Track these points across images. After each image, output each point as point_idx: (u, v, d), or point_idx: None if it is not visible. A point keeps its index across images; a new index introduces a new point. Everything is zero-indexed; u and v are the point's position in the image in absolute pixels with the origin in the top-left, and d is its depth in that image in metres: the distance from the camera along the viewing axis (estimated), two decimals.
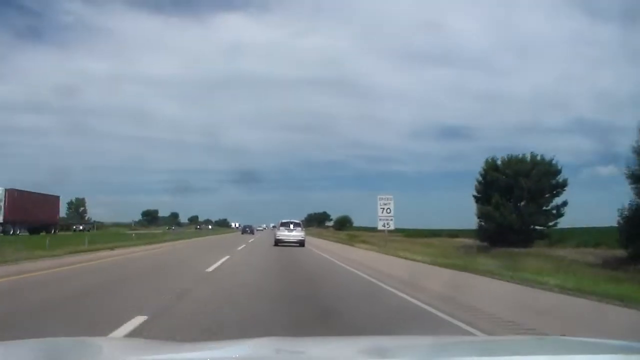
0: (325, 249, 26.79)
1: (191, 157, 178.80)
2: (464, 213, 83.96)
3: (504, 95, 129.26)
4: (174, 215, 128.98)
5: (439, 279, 11.73)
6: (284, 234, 28.93)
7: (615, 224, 30.75)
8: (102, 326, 5.79)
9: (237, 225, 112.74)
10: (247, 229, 65.75)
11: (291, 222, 29.72)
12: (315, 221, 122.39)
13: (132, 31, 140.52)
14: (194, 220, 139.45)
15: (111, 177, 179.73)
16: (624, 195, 30.27)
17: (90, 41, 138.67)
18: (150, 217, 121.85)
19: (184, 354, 1.85)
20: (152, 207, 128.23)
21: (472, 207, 40.62)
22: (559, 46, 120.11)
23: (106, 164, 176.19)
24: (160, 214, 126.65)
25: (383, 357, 1.75)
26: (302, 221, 33.85)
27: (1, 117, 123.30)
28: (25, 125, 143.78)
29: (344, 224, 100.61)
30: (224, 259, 17.06)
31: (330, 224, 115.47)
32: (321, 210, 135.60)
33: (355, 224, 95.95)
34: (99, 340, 2.50)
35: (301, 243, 28.03)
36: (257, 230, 55.78)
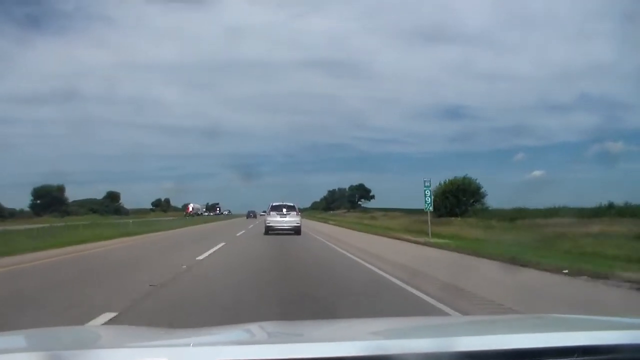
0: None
1: (192, 143, 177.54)
2: None
3: (509, 74, 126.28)
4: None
5: None
6: (275, 219, 25.00)
7: None
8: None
9: (226, 212, 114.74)
10: (251, 214, 72.79)
11: (284, 205, 25.41)
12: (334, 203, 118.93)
13: (132, 17, 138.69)
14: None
15: (114, 166, 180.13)
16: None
17: (88, 28, 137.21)
18: (162, 206, 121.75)
19: (175, 340, 1.80)
20: (157, 196, 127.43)
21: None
22: (564, 22, 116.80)
23: (109, 152, 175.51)
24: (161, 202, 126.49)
25: (385, 338, 1.73)
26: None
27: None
28: (23, 116, 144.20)
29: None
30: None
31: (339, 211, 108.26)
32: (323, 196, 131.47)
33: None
34: (82, 329, 2.76)
35: (296, 230, 24.70)
36: (260, 215, 61.13)
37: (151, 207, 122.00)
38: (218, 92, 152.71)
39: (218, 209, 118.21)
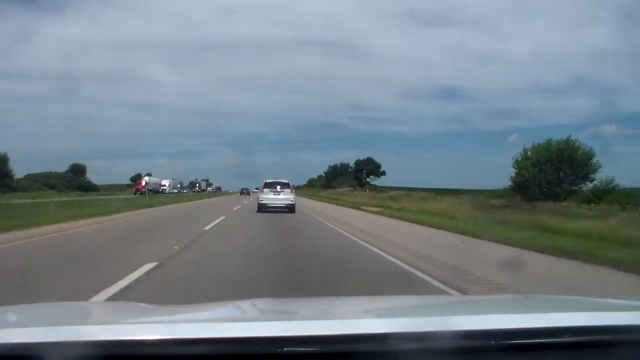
0: None
1: (186, 122, 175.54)
2: (465, 172, 75.51)
3: (503, 56, 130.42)
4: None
5: None
6: (268, 197, 23.99)
7: None
8: None
9: (211, 189, 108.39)
10: (244, 191, 76.17)
11: (278, 182, 24.40)
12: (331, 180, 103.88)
13: None
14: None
15: (108, 144, 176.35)
16: None
17: (82, 6, 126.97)
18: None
19: (167, 317, 1.78)
20: (146, 171, 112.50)
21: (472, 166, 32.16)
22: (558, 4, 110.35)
23: (103, 130, 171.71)
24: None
25: (379, 317, 1.69)
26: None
27: None
28: (18, 92, 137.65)
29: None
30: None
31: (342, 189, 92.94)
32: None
33: None
34: (75, 305, 2.46)
35: (290, 208, 23.47)
36: (253, 192, 58.46)
37: (130, 182, 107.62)
38: (213, 71, 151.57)
39: (198, 185, 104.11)
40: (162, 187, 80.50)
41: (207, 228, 14.02)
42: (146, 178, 70.89)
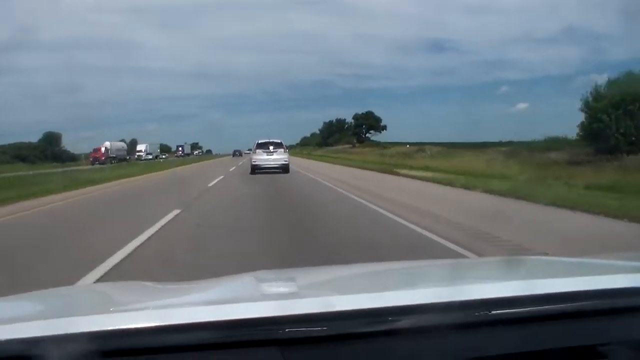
0: None
1: (175, 85, 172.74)
2: (470, 126, 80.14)
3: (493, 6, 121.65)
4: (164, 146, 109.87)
5: None
6: (261, 158, 22.87)
7: None
8: None
9: (197, 152, 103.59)
10: (237, 153, 77.60)
11: (270, 142, 23.38)
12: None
13: None
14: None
15: (94, 111, 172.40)
16: None
17: None
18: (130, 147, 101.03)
19: (163, 300, 1.63)
20: (134, 138, 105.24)
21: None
22: None
23: (88, 97, 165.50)
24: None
25: (383, 287, 1.60)
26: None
27: None
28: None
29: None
30: None
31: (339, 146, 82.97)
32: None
33: None
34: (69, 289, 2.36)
35: (284, 168, 22.44)
36: (245, 154, 55.44)
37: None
38: (200, 33, 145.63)
39: (180, 149, 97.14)
40: (137, 153, 73.13)
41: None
42: (107, 143, 60.41)
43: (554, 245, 6.02)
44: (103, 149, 57.80)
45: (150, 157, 71.20)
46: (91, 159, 55.12)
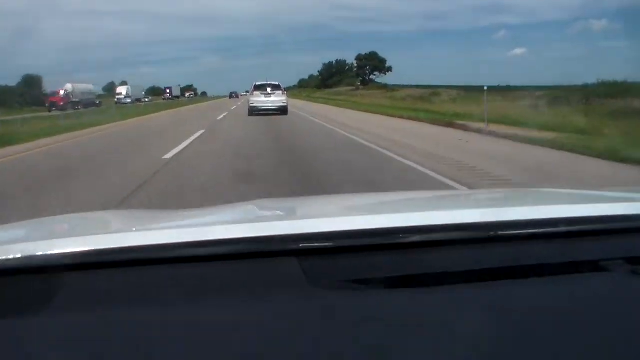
0: None
1: (170, 28, 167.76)
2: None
3: None
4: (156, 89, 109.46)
5: None
6: (259, 100, 22.83)
7: None
8: None
9: (189, 95, 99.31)
10: (233, 95, 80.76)
11: (268, 84, 23.38)
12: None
13: None
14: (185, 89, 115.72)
15: (87, 55, 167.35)
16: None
17: None
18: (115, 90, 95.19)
19: (169, 222, 1.57)
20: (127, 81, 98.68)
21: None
22: None
23: (81, 41, 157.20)
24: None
25: (377, 213, 1.53)
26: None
27: None
28: None
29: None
30: None
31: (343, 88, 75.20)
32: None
33: None
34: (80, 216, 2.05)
35: (283, 110, 22.43)
36: (242, 95, 57.56)
37: (101, 92, 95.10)
38: None
39: (168, 91, 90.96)
40: (117, 97, 66.29)
41: None
42: (68, 85, 52.42)
43: None
44: (62, 92, 50.50)
45: (129, 100, 62.79)
46: (48, 104, 48.00)
